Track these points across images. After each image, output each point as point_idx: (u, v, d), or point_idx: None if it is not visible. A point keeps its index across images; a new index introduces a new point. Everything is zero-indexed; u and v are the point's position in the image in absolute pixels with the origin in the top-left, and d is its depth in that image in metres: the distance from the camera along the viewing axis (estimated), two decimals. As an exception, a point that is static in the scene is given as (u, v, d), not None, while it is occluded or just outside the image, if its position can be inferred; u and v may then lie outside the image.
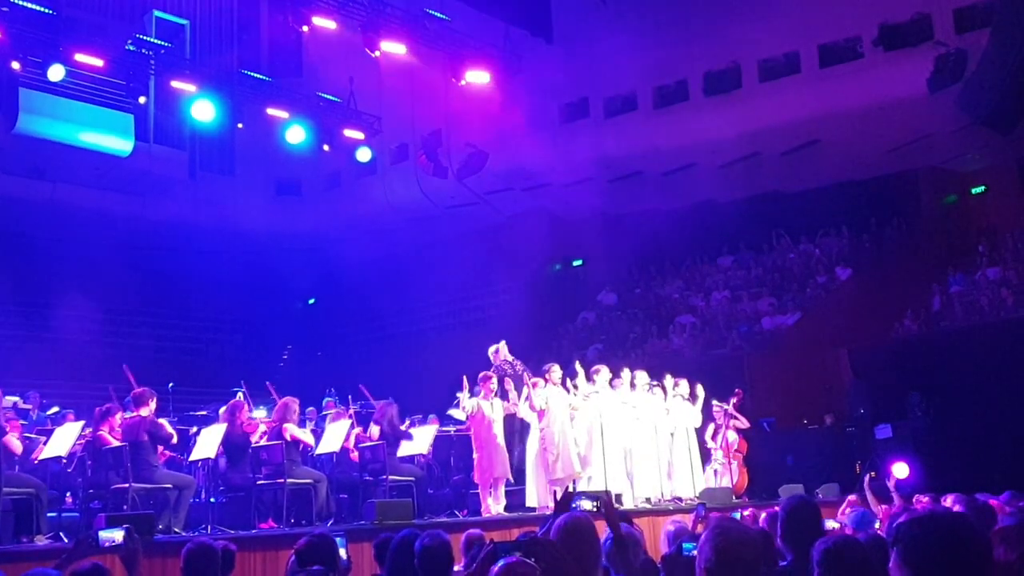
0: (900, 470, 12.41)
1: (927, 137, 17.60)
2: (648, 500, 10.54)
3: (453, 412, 11.47)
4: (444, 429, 11.14)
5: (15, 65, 15.02)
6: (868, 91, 16.74)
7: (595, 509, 4.00)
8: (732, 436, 12.39)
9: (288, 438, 8.84)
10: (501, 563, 2.80)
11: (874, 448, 13.12)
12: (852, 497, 8.78)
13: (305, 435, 9.28)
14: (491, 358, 10.63)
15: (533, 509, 9.54)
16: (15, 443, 7.93)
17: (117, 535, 3.74)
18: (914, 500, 7.89)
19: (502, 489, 9.65)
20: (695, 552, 3.78)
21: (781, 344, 16.07)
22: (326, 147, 17.74)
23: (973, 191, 19.18)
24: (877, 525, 5.65)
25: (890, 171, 18.57)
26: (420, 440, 10.19)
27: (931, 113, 16.46)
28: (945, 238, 18.63)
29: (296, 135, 17.12)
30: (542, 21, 19.35)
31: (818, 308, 16.90)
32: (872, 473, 12.85)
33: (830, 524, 5.45)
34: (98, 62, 15.04)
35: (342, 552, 4.27)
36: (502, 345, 10.70)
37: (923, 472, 12.32)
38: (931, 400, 13.74)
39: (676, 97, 18.92)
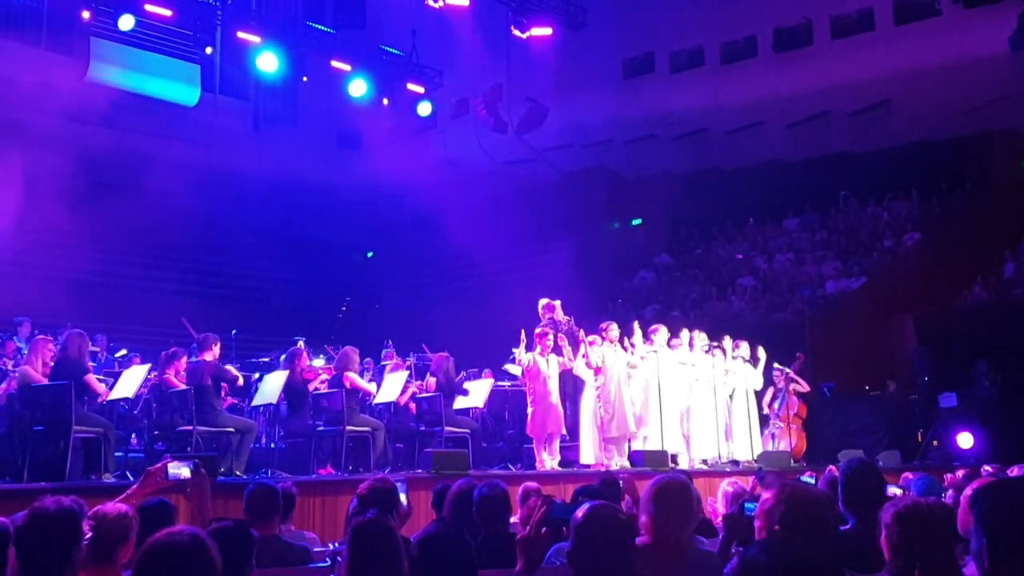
0: (964, 440, 12.16)
1: (1005, 98, 16.92)
2: (705, 462, 10.48)
3: (508, 367, 11.48)
4: (499, 384, 11.17)
5: (86, 14, 15.27)
6: (945, 49, 16.14)
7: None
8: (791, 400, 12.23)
9: (348, 386, 8.96)
10: (586, 506, 2.78)
11: (938, 416, 12.83)
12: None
13: (366, 383, 9.40)
14: (540, 311, 10.47)
15: (587, 466, 9.54)
16: (98, 384, 8.15)
17: (184, 470, 3.81)
18: (981, 470, 7.69)
19: (556, 444, 9.64)
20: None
21: (844, 308, 15.73)
22: (385, 101, 17.76)
23: (1053, 155, 18.40)
24: (944, 493, 5.51)
25: (964, 133, 17.91)
26: (476, 394, 10.25)
27: (1012, 73, 15.80)
28: (1020, 203, 17.94)
29: (358, 88, 17.16)
30: (608, -27, 18.97)
31: (884, 273, 16.48)
32: (935, 442, 12.65)
33: (893, 490, 5.33)
34: (166, 12, 15.20)
35: (402, 498, 4.30)
36: (557, 304, 10.56)
37: (988, 442, 12.04)
38: (999, 369, 13.37)
39: (744, 53, 18.49)
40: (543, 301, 10.53)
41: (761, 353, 11.50)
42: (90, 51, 17.47)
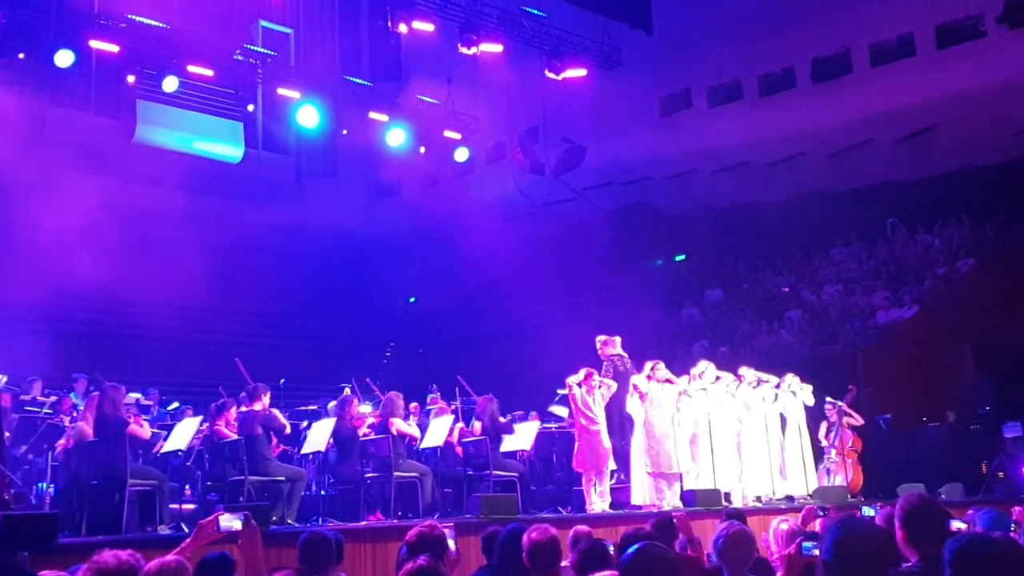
0: (1031, 470, 11.76)
1: (1056, 119, 16.63)
2: (759, 499, 10.25)
3: (554, 408, 11.39)
4: (546, 426, 11.06)
5: (131, 78, 15.74)
6: (991, 72, 15.92)
7: None
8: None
9: (394, 432, 8.95)
10: (635, 547, 2.73)
11: (1003, 447, 12.44)
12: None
13: (411, 428, 9.38)
14: (599, 347, 10.34)
15: (639, 507, 9.36)
16: (142, 429, 8.20)
17: (236, 523, 3.81)
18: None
19: (607, 484, 9.47)
20: (815, 552, 3.60)
21: (897, 339, 15.40)
22: (423, 149, 18.00)
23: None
24: (1013, 527, 5.28)
25: (1015, 156, 17.59)
26: (523, 436, 10.15)
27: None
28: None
29: (396, 138, 17.43)
30: (641, 13, 19.14)
31: (937, 301, 16.12)
32: (1000, 474, 12.24)
33: (956, 525, 5.15)
34: (208, 72, 15.62)
35: (451, 544, 4.25)
36: (616, 340, 10.43)
37: (1056, 473, 11.64)
38: (1063, 396, 12.97)
39: (783, 84, 18.42)
40: (601, 337, 10.39)
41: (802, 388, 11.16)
42: (136, 114, 17.96)
